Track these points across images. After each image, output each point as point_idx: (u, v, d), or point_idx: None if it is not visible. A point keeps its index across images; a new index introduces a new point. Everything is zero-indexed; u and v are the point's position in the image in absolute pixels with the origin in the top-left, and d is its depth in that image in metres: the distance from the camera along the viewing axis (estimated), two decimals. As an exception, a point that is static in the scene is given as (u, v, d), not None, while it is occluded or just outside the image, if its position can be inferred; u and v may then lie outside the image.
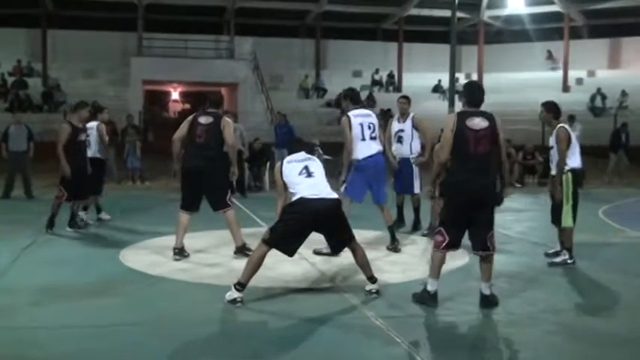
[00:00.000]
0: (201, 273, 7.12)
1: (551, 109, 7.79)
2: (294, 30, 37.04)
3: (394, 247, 8.30)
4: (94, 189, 10.18)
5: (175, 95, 36.06)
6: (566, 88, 33.09)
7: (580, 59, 33.48)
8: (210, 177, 7.70)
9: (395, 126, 9.54)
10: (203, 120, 7.79)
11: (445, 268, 6.09)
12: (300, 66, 34.66)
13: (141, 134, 19.52)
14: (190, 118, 7.96)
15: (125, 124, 17.74)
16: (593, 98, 31.62)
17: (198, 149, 7.70)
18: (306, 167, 6.31)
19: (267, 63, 32.08)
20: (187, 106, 37.36)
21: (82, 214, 9.91)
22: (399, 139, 9.44)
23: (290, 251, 6.08)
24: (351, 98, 8.43)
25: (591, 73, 34.50)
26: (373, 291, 6.17)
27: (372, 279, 6.22)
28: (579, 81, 34.01)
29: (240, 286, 5.87)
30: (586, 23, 35.63)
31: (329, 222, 6.10)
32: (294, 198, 6.12)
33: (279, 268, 7.01)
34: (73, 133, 9.47)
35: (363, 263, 6.24)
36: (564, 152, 7.51)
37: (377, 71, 34.59)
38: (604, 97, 31.33)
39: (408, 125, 9.40)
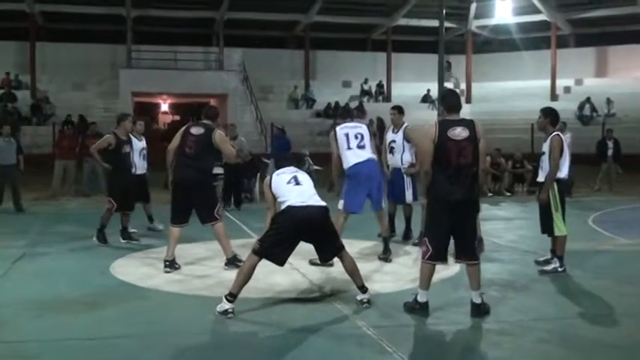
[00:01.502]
0: (192, 284, 7.11)
1: (549, 115, 7.82)
2: (283, 41, 37.18)
3: (386, 257, 8.30)
4: (144, 198, 10.64)
5: (165, 107, 36.08)
6: (554, 96, 33.30)
7: (567, 68, 33.72)
8: (200, 189, 7.71)
9: (388, 136, 9.57)
10: (194, 131, 7.80)
11: (436, 277, 6.09)
12: (289, 77, 34.76)
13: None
14: (182, 129, 7.98)
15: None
16: (581, 107, 31.82)
17: (188, 160, 7.70)
18: (294, 177, 6.38)
19: (256, 74, 32.15)
20: (177, 117, 37.40)
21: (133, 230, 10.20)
22: (391, 150, 9.47)
23: (280, 261, 6.08)
24: (340, 115, 8.68)
25: (579, 82, 34.76)
26: (364, 300, 6.16)
27: (363, 288, 6.22)
28: (567, 89, 34.25)
29: (232, 297, 5.85)
30: (573, 32, 35.95)
31: (317, 230, 6.10)
32: (283, 206, 6.14)
33: (269, 278, 7.00)
34: (117, 145, 9.59)
35: (353, 272, 6.24)
36: (557, 160, 7.55)
37: (366, 81, 34.72)
38: (593, 107, 31.54)
39: (399, 136, 9.39)
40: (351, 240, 8.39)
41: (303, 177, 6.44)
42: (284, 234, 5.98)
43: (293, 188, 6.24)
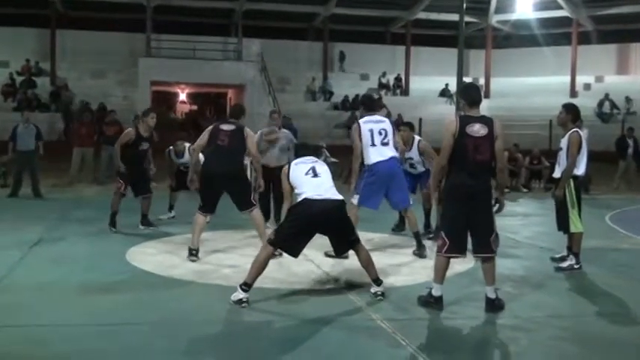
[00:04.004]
0: (209, 273, 7.12)
1: (571, 111, 7.76)
2: (301, 32, 37.12)
3: (420, 252, 8.16)
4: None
5: (183, 96, 36.18)
6: (573, 93, 33.02)
7: (588, 64, 33.42)
8: (234, 180, 7.77)
9: None
10: (225, 127, 7.90)
11: (451, 271, 6.07)
12: (307, 68, 34.69)
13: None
14: (210, 127, 8.05)
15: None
16: (601, 104, 31.54)
17: (220, 154, 7.75)
18: (312, 168, 6.37)
19: (274, 65, 32.12)
20: (195, 107, 37.50)
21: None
22: (412, 166, 9.38)
23: (295, 252, 6.09)
24: (365, 105, 8.43)
25: (599, 79, 34.46)
26: (379, 293, 6.15)
27: (377, 281, 6.22)
28: (587, 86, 33.95)
29: (246, 286, 5.87)
30: (595, 28, 35.59)
31: (333, 223, 6.10)
32: (299, 198, 6.14)
33: (284, 269, 7.03)
34: (135, 141, 9.53)
35: (367, 265, 6.23)
36: (574, 157, 7.49)
37: (384, 74, 34.58)
38: (614, 104, 31.23)
39: (414, 153, 9.27)
40: (366, 232, 8.37)
41: (322, 168, 6.42)
42: (300, 226, 5.99)
43: (311, 180, 6.24)
